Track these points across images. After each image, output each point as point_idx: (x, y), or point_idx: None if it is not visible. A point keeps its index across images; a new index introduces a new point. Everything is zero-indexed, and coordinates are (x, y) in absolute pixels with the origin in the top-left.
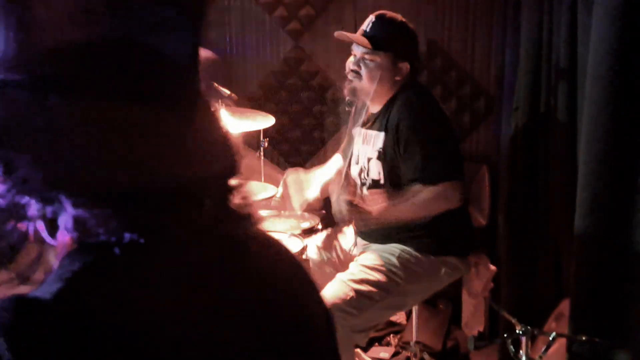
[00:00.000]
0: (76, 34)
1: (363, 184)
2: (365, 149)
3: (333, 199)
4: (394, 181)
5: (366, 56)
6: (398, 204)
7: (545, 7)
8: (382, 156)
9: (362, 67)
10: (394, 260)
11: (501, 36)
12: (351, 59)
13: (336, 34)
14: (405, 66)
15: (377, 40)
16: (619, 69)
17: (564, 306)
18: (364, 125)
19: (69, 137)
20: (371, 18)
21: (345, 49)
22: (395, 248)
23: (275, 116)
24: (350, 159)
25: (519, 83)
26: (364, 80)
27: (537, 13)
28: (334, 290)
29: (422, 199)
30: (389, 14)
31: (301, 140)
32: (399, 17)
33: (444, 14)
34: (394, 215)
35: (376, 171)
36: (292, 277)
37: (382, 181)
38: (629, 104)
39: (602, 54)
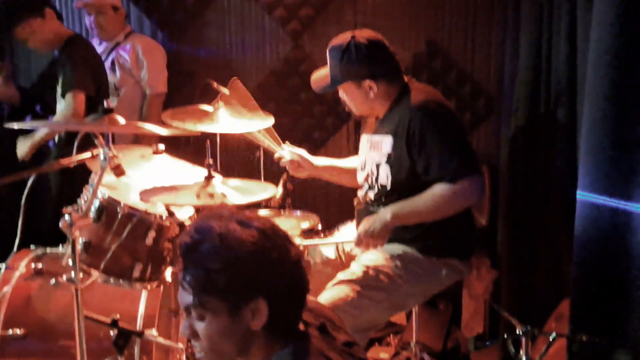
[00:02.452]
0: None
1: (370, 188)
2: (372, 154)
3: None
4: (399, 185)
5: (339, 90)
6: (418, 206)
7: (545, 7)
8: (391, 160)
9: (343, 96)
10: (396, 261)
11: (501, 36)
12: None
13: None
14: (370, 84)
15: (332, 76)
16: (619, 69)
17: (564, 306)
18: (370, 131)
19: None
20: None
21: None
22: (397, 248)
23: (275, 116)
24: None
25: (519, 83)
26: (349, 106)
27: (537, 13)
28: (334, 291)
29: (442, 197)
30: (337, 41)
31: (301, 140)
32: (346, 39)
33: (444, 13)
34: (412, 215)
35: (384, 175)
36: None
37: (388, 187)
38: (630, 104)
39: (602, 53)
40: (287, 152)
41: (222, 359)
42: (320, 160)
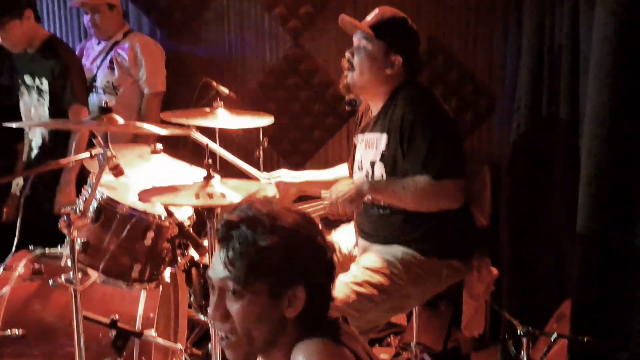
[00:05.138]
0: None
1: None
2: (368, 153)
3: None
4: None
5: (362, 42)
6: (397, 187)
7: (547, 5)
8: (385, 158)
9: (356, 57)
10: (396, 262)
11: (503, 34)
12: (348, 52)
13: (340, 17)
14: (397, 59)
15: (373, 28)
16: (621, 68)
17: (566, 307)
18: (364, 130)
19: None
20: (375, 10)
21: (345, 47)
22: (397, 249)
23: (274, 115)
24: (352, 166)
25: (520, 82)
26: (356, 71)
27: (539, 11)
28: (334, 292)
29: (422, 190)
30: (392, 9)
31: (301, 139)
32: (402, 14)
33: (445, 11)
34: (389, 195)
35: (379, 173)
36: None
37: None
38: (631, 102)
39: (604, 52)
40: (267, 182)
41: (249, 347)
42: (301, 175)
